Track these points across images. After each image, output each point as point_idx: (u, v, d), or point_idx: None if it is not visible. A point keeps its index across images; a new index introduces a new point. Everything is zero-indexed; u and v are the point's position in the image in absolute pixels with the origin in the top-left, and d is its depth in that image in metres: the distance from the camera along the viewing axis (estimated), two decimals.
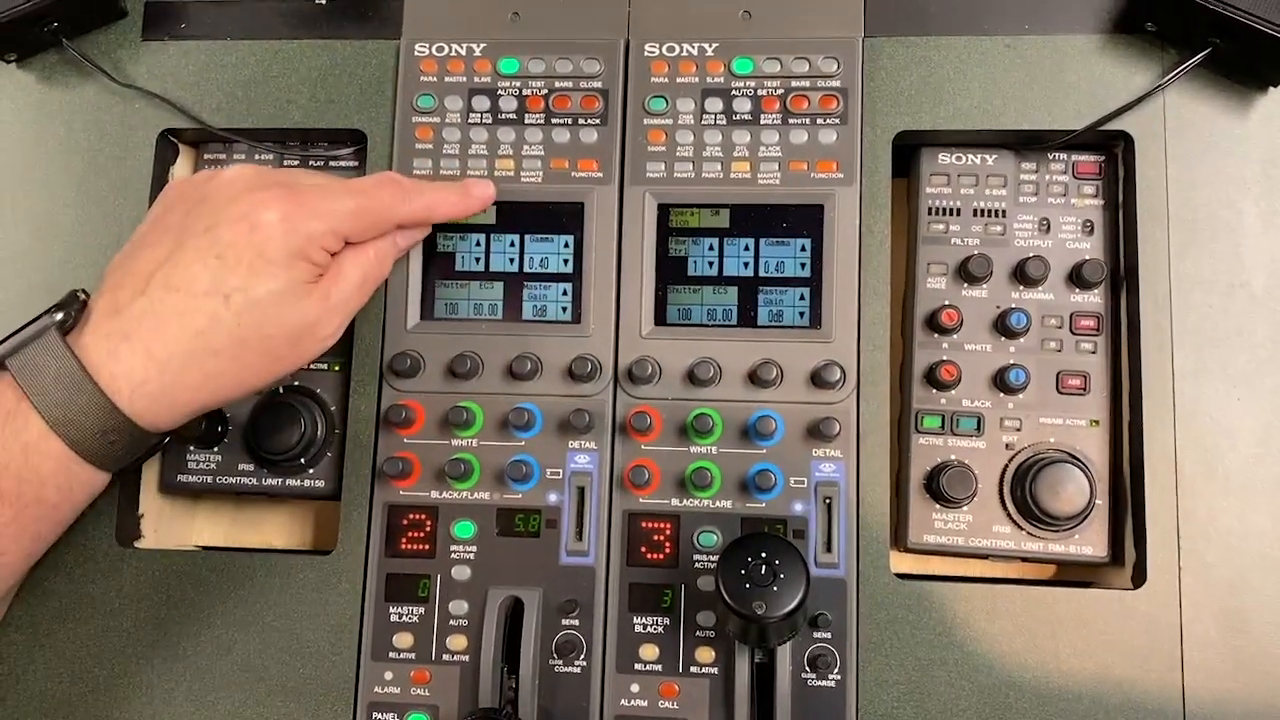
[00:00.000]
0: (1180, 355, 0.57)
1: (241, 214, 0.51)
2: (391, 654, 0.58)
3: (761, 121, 0.60)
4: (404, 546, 0.59)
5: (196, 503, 0.68)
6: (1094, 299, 0.60)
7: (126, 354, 0.50)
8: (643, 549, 0.58)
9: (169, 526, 0.66)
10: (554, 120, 0.61)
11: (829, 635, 0.56)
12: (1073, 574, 0.62)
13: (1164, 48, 0.59)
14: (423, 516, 0.59)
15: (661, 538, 0.58)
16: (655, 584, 0.57)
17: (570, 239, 0.61)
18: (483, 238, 0.61)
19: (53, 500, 0.51)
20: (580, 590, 0.57)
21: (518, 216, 0.61)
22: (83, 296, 0.53)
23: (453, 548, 0.58)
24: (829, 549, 0.57)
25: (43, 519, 0.52)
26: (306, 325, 0.53)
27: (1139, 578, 0.56)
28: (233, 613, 0.59)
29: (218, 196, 0.52)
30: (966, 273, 0.60)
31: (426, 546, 0.59)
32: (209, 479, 0.63)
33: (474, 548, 0.58)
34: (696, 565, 0.57)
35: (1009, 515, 0.59)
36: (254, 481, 0.63)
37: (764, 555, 0.50)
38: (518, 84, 0.62)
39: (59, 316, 0.51)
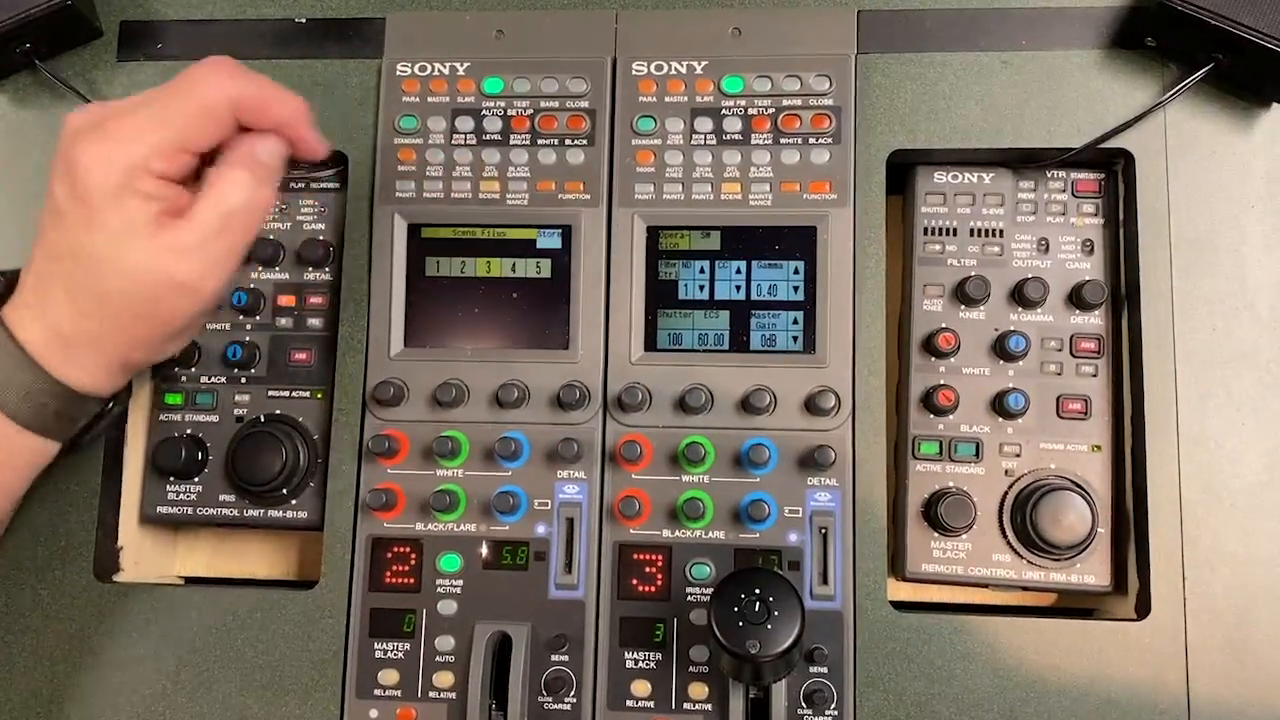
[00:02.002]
0: (1184, 378, 0.56)
1: (64, 167, 0.47)
2: (376, 691, 0.57)
3: (752, 141, 0.59)
4: (388, 580, 0.58)
5: (178, 533, 0.67)
6: (1094, 320, 0.59)
7: (29, 322, 0.50)
8: (634, 581, 0.56)
9: (150, 558, 0.65)
10: (540, 141, 0.60)
11: (825, 670, 0.55)
12: (1074, 601, 0.61)
13: (1164, 63, 0.58)
14: (407, 549, 0.58)
15: (653, 570, 0.56)
16: (647, 618, 0.56)
17: (557, 262, 0.59)
18: (470, 261, 0.60)
19: None
20: (570, 624, 0.56)
21: (504, 240, 0.60)
22: (13, 273, 0.52)
23: (438, 581, 0.57)
24: (825, 581, 0.56)
25: None
26: (158, 274, 0.48)
27: (1143, 608, 0.55)
28: (213, 649, 0.58)
29: (59, 149, 0.49)
30: (964, 294, 0.58)
31: (411, 580, 0.57)
32: (189, 510, 0.62)
33: (460, 581, 0.57)
34: (689, 598, 0.56)
35: (1009, 544, 0.57)
36: (235, 513, 0.61)
37: (757, 591, 0.49)
38: (502, 104, 0.61)
39: None
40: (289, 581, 0.66)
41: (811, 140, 0.59)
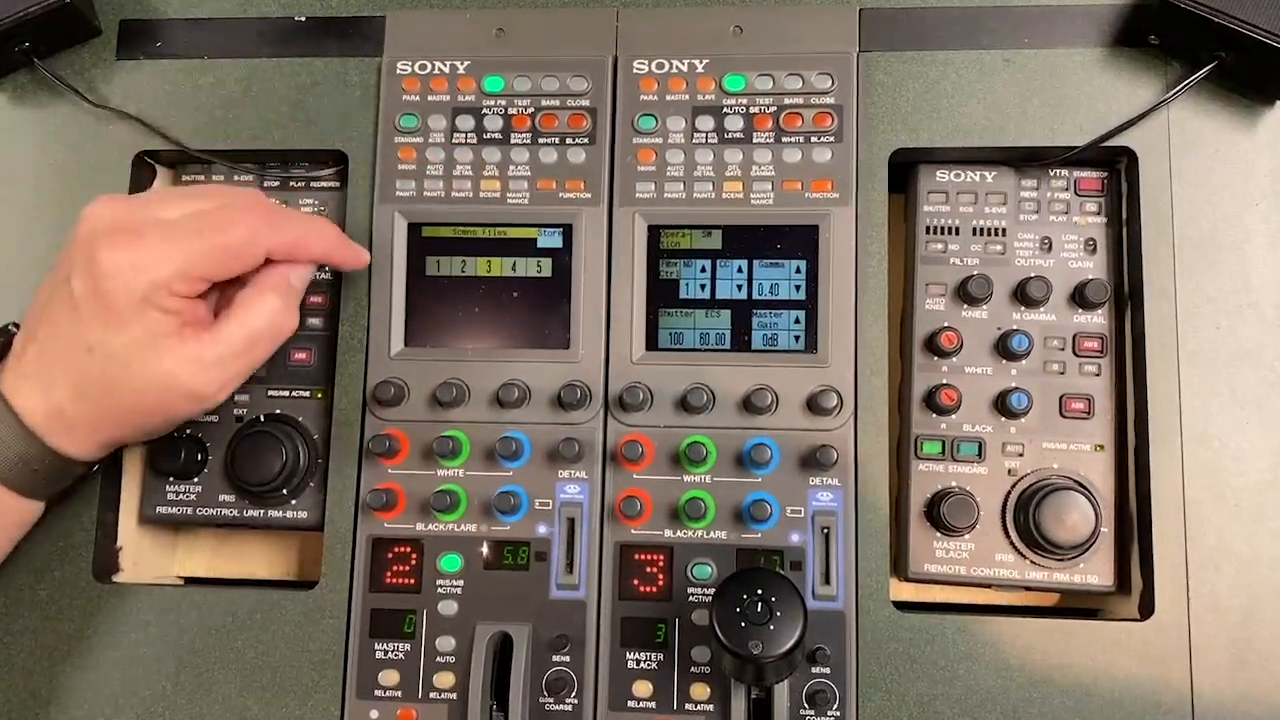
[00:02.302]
0: (1187, 377, 0.56)
1: (86, 264, 0.49)
2: (377, 692, 0.56)
3: (754, 140, 0.59)
4: (389, 581, 0.57)
5: (178, 533, 0.67)
6: (1098, 320, 0.58)
7: (28, 394, 0.50)
8: (635, 582, 0.56)
9: (149, 559, 0.64)
10: (541, 140, 0.60)
11: (828, 670, 0.54)
12: (1077, 601, 0.60)
13: (1168, 61, 0.58)
14: (408, 549, 0.57)
15: (654, 570, 0.56)
16: (648, 618, 0.56)
17: (558, 261, 0.59)
18: (470, 260, 0.60)
19: None
20: (571, 625, 0.56)
21: (505, 239, 0.60)
22: (13, 330, 0.54)
23: (439, 582, 0.57)
24: (827, 581, 0.55)
25: None
26: (172, 383, 0.50)
27: (1146, 608, 0.55)
28: (213, 650, 0.58)
29: (74, 241, 0.50)
30: (966, 293, 0.58)
31: (412, 581, 0.57)
32: (189, 510, 0.61)
33: (461, 582, 0.57)
34: (691, 598, 0.56)
35: (1012, 544, 0.57)
36: (235, 513, 0.61)
37: (760, 592, 0.48)
38: (503, 102, 0.61)
39: None
40: (289, 582, 0.65)
41: (813, 139, 0.59)
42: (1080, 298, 0.58)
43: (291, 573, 0.66)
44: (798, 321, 0.58)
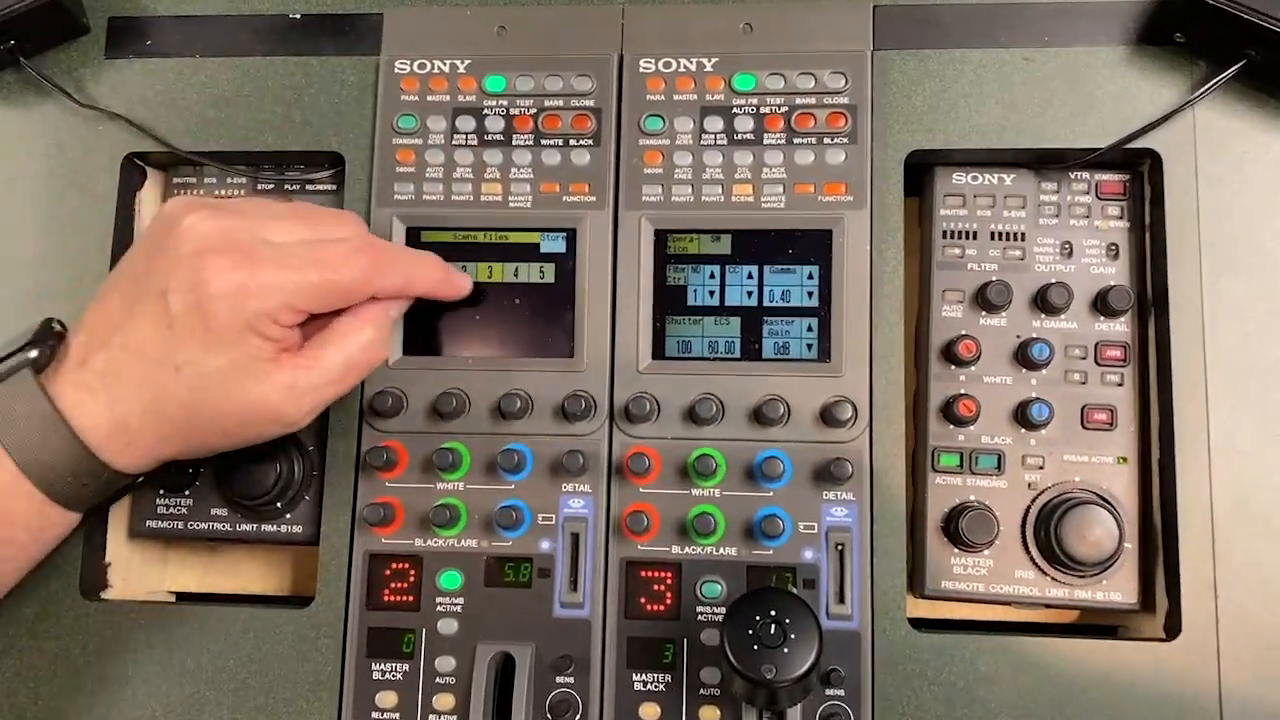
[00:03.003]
0: (1215, 387, 0.54)
1: (190, 282, 0.47)
2: (374, 714, 0.55)
3: (765, 141, 0.57)
4: (386, 598, 0.56)
5: (169, 547, 0.65)
6: (1120, 328, 0.57)
7: (91, 407, 0.48)
8: (642, 600, 0.55)
9: (139, 573, 0.63)
10: (544, 141, 0.58)
11: (842, 693, 0.53)
12: (1097, 618, 0.59)
13: (1194, 60, 0.56)
14: (406, 566, 0.56)
15: (662, 588, 0.55)
16: (655, 638, 0.54)
17: (561, 266, 0.57)
18: (471, 265, 0.58)
19: (22, 541, 0.50)
20: (575, 645, 0.54)
21: (506, 244, 0.58)
22: (58, 328, 0.51)
23: (438, 599, 0.55)
24: (841, 599, 0.54)
25: (10, 559, 0.51)
26: (263, 408, 0.49)
27: (1173, 627, 0.53)
28: (204, 669, 0.56)
29: (174, 253, 0.48)
30: (984, 300, 0.57)
31: (410, 598, 0.56)
32: (180, 525, 0.60)
33: (461, 599, 0.55)
34: (700, 618, 0.54)
35: (1032, 560, 0.55)
36: (227, 527, 0.59)
37: (773, 613, 0.47)
38: (505, 103, 0.59)
39: (33, 354, 0.49)
40: (284, 598, 0.64)
41: (826, 140, 0.57)
42: (1102, 305, 0.56)
43: (286, 588, 0.65)
44: (810, 329, 0.56)
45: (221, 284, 0.47)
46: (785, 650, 0.46)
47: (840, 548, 0.54)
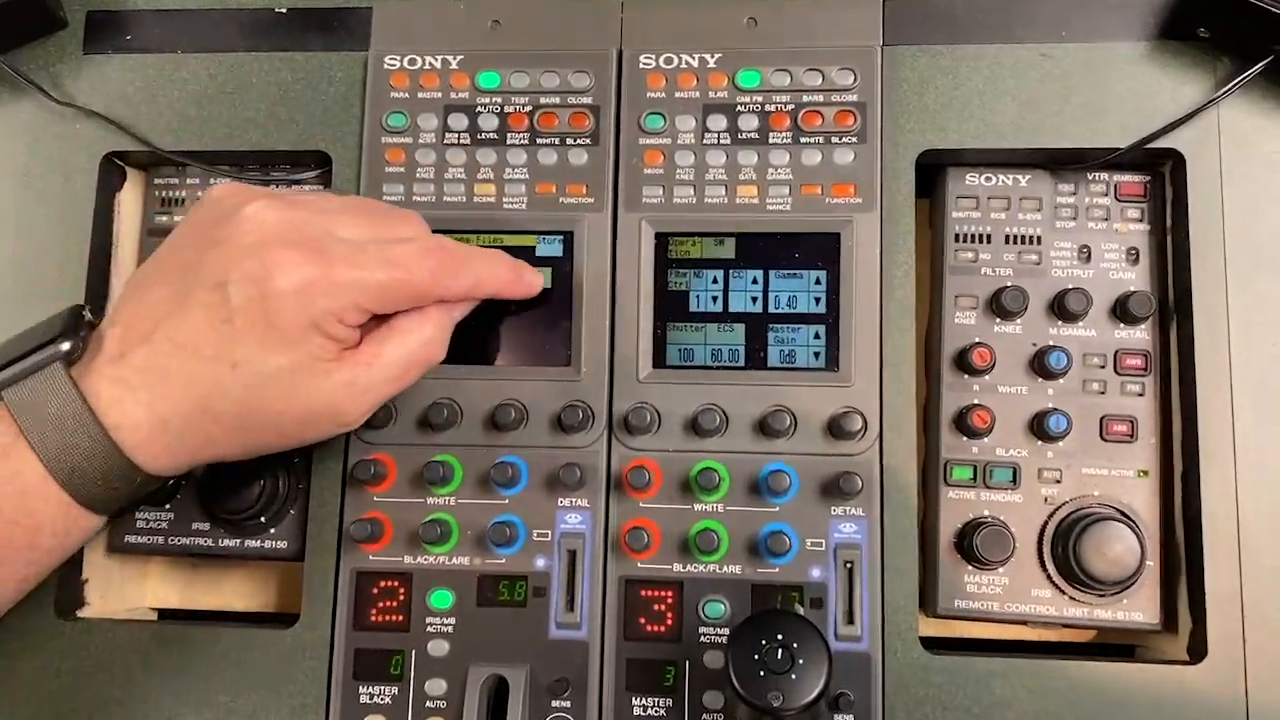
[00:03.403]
0: (1241, 397, 0.52)
1: (255, 275, 0.45)
2: None
3: (770, 140, 0.56)
4: (374, 618, 0.54)
5: (150, 561, 0.63)
6: (1141, 335, 0.55)
7: (130, 405, 0.45)
8: (642, 620, 0.53)
9: (119, 589, 0.61)
10: (539, 140, 0.57)
11: (851, 718, 0.51)
12: (1114, 637, 0.57)
13: (1218, 56, 0.54)
14: (395, 584, 0.54)
15: (662, 608, 0.53)
16: (656, 660, 0.52)
17: (558, 271, 0.56)
18: None
19: (46, 545, 0.47)
20: (572, 667, 0.52)
21: (501, 248, 0.55)
22: (89, 318, 0.48)
23: (429, 619, 0.53)
24: (850, 619, 0.52)
25: (34, 564, 0.47)
26: (323, 407, 0.47)
27: (1197, 649, 0.51)
28: (184, 692, 0.54)
29: (234, 243, 0.46)
30: (999, 306, 0.55)
31: (399, 618, 0.54)
32: (160, 540, 0.58)
33: (452, 619, 0.53)
34: (702, 639, 0.52)
35: (1049, 578, 0.54)
36: (209, 542, 0.57)
37: (780, 637, 0.45)
38: (499, 100, 0.57)
39: (65, 346, 0.45)
40: (269, 615, 0.62)
41: (834, 139, 0.55)
42: (1122, 311, 0.54)
43: (272, 604, 0.63)
44: (818, 337, 0.54)
45: (290, 279, 0.44)
46: (793, 676, 0.44)
47: (849, 566, 0.52)
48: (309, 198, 0.50)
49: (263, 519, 0.56)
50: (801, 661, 0.44)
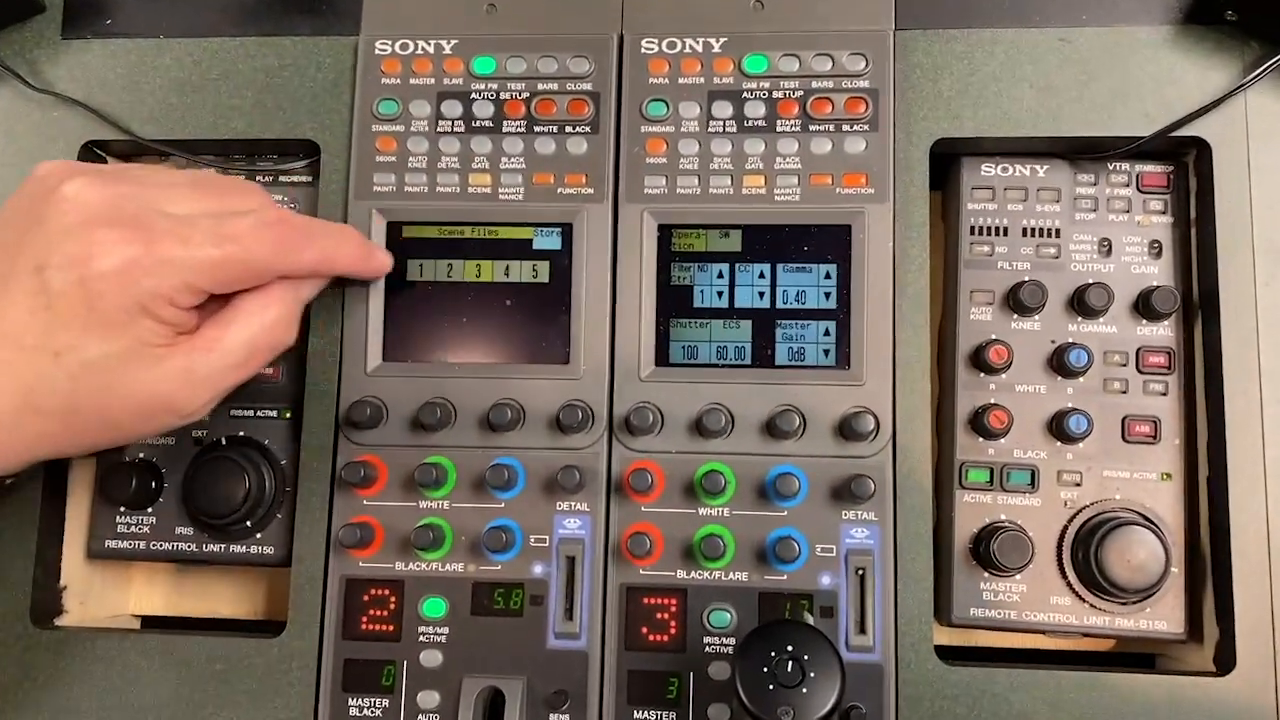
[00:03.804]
0: (1270, 396, 0.50)
1: (74, 257, 0.42)
2: None
3: (778, 129, 0.54)
4: (364, 627, 0.52)
5: (133, 566, 0.61)
6: (1164, 332, 0.53)
7: None
8: (644, 630, 0.51)
9: (99, 596, 0.59)
10: (537, 128, 0.55)
11: None
12: (1134, 646, 0.55)
13: (1246, 40, 0.53)
14: (386, 592, 0.53)
15: (666, 616, 0.51)
16: (659, 671, 0.51)
17: (556, 265, 0.54)
18: (457, 264, 0.55)
19: None
20: (571, 679, 0.51)
21: (496, 240, 0.55)
22: None
23: (421, 629, 0.52)
24: (862, 629, 0.50)
25: None
26: (157, 397, 0.44)
27: (1225, 660, 0.49)
28: (167, 704, 0.53)
29: (53, 224, 0.43)
30: (1016, 302, 0.53)
31: (390, 627, 0.52)
32: (141, 545, 0.56)
33: (446, 629, 0.52)
34: (707, 649, 0.51)
35: (1069, 585, 0.52)
36: (193, 547, 0.56)
37: (790, 649, 0.43)
38: (494, 86, 0.56)
39: None
40: (256, 623, 0.60)
41: (845, 127, 0.54)
42: (1145, 307, 0.53)
43: (259, 611, 0.61)
44: (828, 334, 0.53)
45: (111, 259, 0.42)
46: (804, 690, 0.43)
47: (861, 573, 0.50)
48: (139, 171, 0.47)
49: (248, 523, 0.55)
50: (813, 675, 0.43)
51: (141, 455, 0.56)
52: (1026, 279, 0.53)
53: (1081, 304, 0.53)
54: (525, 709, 0.50)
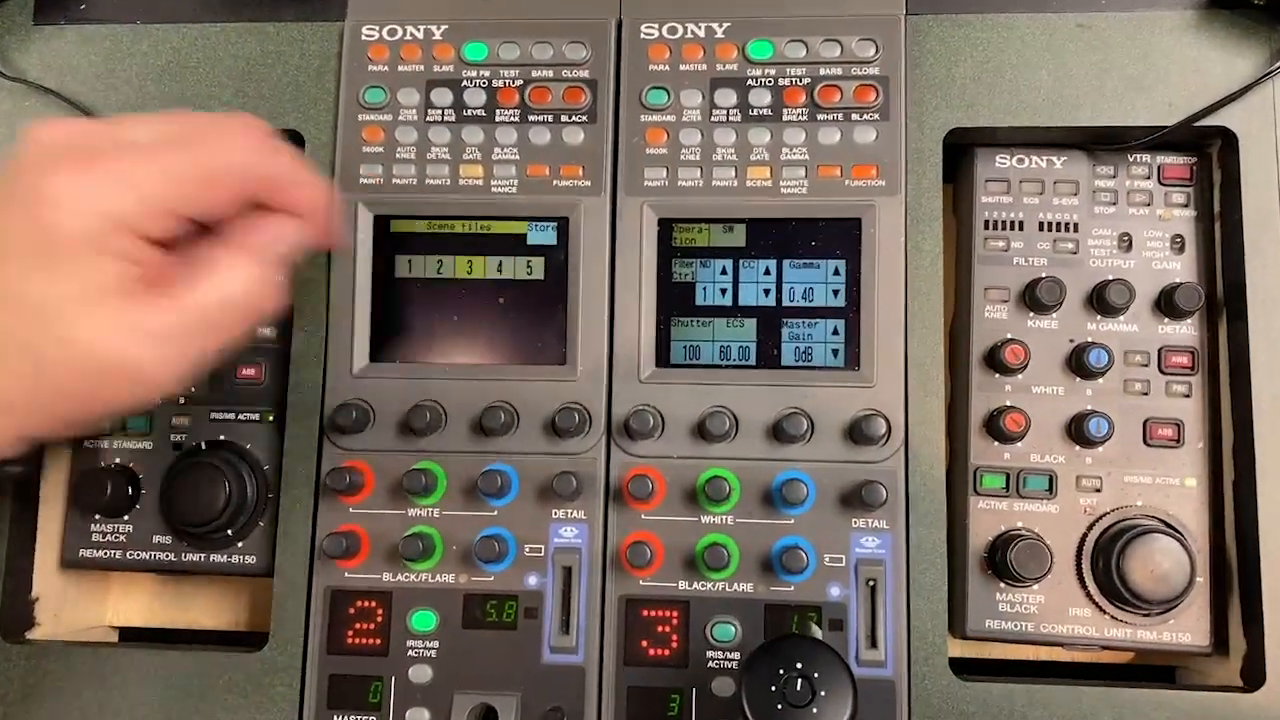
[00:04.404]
0: None
1: (24, 194, 0.39)
2: None
3: (784, 118, 0.53)
4: (350, 641, 0.51)
5: (110, 576, 0.60)
6: (1187, 331, 0.52)
7: None
8: (644, 644, 0.50)
9: (75, 607, 0.57)
10: (531, 117, 0.54)
11: None
12: (1155, 658, 0.54)
13: (1274, 25, 0.52)
14: (373, 604, 0.52)
15: (667, 630, 0.50)
16: (660, 687, 0.50)
17: (552, 261, 0.53)
18: (448, 260, 0.54)
19: None
20: (567, 695, 0.50)
21: (489, 235, 0.53)
22: None
23: (410, 643, 0.51)
24: (874, 643, 0.49)
25: None
26: (113, 355, 0.40)
27: (1253, 674, 0.48)
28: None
29: (14, 167, 0.40)
30: (1033, 299, 0.52)
31: (378, 641, 0.51)
32: (118, 554, 0.55)
33: (436, 643, 0.51)
34: (710, 664, 0.50)
35: (1089, 596, 0.51)
36: (172, 556, 0.55)
37: (799, 666, 0.42)
38: (487, 73, 0.54)
39: None
40: (239, 634, 0.59)
41: (854, 116, 0.52)
42: (1167, 305, 0.52)
43: (243, 622, 0.60)
44: (836, 333, 0.52)
45: (61, 187, 0.38)
46: (814, 710, 0.41)
47: (872, 583, 0.49)
48: (120, 117, 0.44)
49: (229, 531, 0.53)
50: (823, 694, 0.41)
51: (118, 460, 0.55)
52: (1043, 275, 0.52)
53: (1101, 301, 0.52)
54: None
